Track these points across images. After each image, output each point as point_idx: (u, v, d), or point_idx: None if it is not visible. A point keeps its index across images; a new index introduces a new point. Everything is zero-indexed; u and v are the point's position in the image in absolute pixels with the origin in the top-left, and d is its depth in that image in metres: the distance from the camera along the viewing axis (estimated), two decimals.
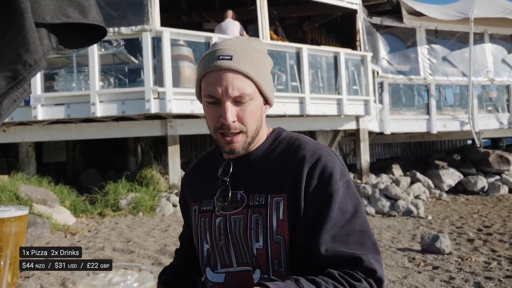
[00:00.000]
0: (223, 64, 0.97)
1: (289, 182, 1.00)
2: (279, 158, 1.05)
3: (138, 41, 6.57)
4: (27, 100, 6.30)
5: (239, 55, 0.99)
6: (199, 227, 1.11)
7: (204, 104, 1.04)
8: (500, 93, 11.06)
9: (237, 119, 1.00)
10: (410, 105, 10.20)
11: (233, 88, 0.97)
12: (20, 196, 5.66)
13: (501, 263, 3.90)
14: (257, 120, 1.04)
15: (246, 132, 1.01)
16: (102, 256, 4.17)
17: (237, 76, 0.98)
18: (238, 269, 1.04)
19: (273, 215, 0.99)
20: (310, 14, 10.54)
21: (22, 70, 0.59)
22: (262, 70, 1.02)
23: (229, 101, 0.98)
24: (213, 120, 1.02)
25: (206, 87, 1.00)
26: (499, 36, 11.09)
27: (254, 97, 1.01)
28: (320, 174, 0.99)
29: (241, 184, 1.05)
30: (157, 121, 7.05)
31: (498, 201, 7.90)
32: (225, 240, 1.05)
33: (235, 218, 1.03)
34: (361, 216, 0.98)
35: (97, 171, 8.38)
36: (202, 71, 1.01)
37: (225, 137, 1.01)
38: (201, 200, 1.13)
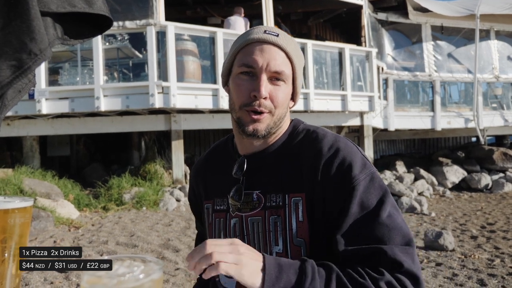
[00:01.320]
0: (269, 37, 0.94)
1: (307, 179, 0.93)
2: (295, 153, 0.98)
3: (142, 35, 6.56)
4: (31, 94, 6.31)
5: (285, 36, 0.96)
6: (213, 227, 1.05)
7: (235, 77, 0.97)
8: (505, 90, 10.98)
9: (269, 97, 0.94)
10: (415, 102, 10.14)
11: (276, 63, 0.93)
12: (24, 190, 5.69)
13: (504, 260, 3.89)
14: (285, 108, 0.98)
15: (273, 114, 0.95)
16: (105, 250, 4.19)
17: (281, 53, 0.94)
18: None
19: (292, 216, 0.92)
20: (315, 10, 10.48)
21: (27, 59, 0.59)
22: (300, 61, 0.99)
23: (265, 75, 0.93)
24: (242, 94, 0.94)
25: (244, 56, 0.95)
26: (505, 33, 10.99)
27: (288, 82, 0.97)
28: (338, 168, 0.91)
29: (257, 183, 0.98)
30: (161, 115, 7.05)
31: (502, 198, 7.87)
32: None
33: (252, 219, 0.97)
34: (387, 209, 0.88)
35: (101, 165, 8.41)
36: (243, 42, 0.96)
37: (251, 115, 0.94)
38: (214, 198, 1.07)
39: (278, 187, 0.95)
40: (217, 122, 7.52)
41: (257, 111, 0.93)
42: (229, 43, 7.28)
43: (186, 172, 7.40)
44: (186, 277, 3.43)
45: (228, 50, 1.03)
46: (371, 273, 0.81)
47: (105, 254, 4.07)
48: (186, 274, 3.49)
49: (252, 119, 0.94)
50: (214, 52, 6.85)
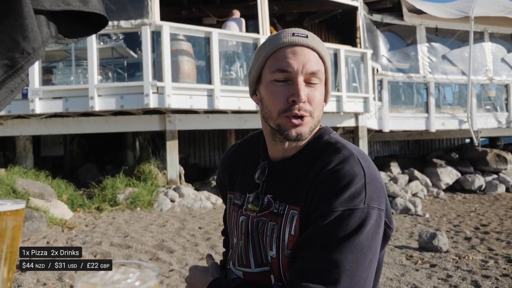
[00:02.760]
0: (300, 40, 0.92)
1: (303, 193, 0.91)
2: (306, 165, 0.95)
3: (137, 35, 6.53)
4: (25, 93, 6.26)
5: (314, 37, 0.95)
6: (231, 219, 1.08)
7: (269, 84, 0.94)
8: (499, 92, 11.06)
9: (308, 100, 0.92)
10: (409, 103, 10.18)
11: (311, 64, 0.91)
12: (17, 190, 5.64)
13: (498, 261, 3.91)
14: (322, 109, 0.97)
15: (314, 116, 0.94)
16: (99, 250, 4.16)
17: (313, 53, 0.93)
18: (257, 270, 0.99)
19: (286, 228, 0.92)
20: (311, 10, 10.50)
21: (20, 58, 0.57)
22: (329, 61, 0.98)
23: (302, 78, 0.91)
24: (279, 100, 0.92)
25: (277, 62, 0.92)
26: (499, 35, 11.08)
27: (323, 82, 0.96)
28: (328, 187, 0.86)
29: (272, 188, 0.99)
30: (156, 116, 7.02)
31: (495, 200, 7.92)
32: (245, 240, 1.01)
33: (257, 220, 0.99)
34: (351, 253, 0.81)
35: (95, 166, 8.36)
36: (273, 48, 0.93)
37: (292, 120, 0.92)
38: (235, 192, 1.09)
39: (284, 196, 0.95)
40: (212, 122, 7.50)
41: (298, 115, 0.92)
42: (224, 43, 7.28)
43: (181, 172, 7.37)
44: (180, 278, 3.41)
45: (223, 50, 1.03)
46: None
47: (98, 255, 4.04)
48: (181, 275, 3.47)
49: (294, 124, 0.92)
50: (209, 52, 6.83)
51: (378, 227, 0.87)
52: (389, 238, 0.95)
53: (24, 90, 6.24)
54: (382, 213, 0.88)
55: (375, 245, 0.86)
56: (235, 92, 7.01)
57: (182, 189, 6.72)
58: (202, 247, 4.36)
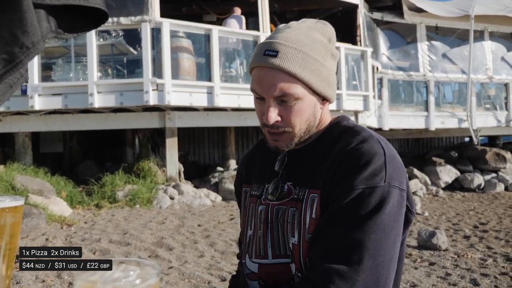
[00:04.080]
0: (267, 60, 0.90)
1: (324, 177, 0.91)
2: (325, 150, 0.97)
3: (137, 31, 6.51)
4: (24, 90, 6.25)
5: (286, 51, 0.89)
6: (248, 211, 1.08)
7: (254, 97, 0.99)
8: (498, 91, 11.05)
9: (282, 118, 0.93)
10: (409, 102, 10.18)
11: (276, 88, 0.90)
12: (16, 187, 5.63)
13: (496, 260, 3.91)
14: (307, 120, 0.95)
15: (292, 132, 0.95)
16: (98, 247, 4.15)
17: (280, 75, 0.89)
18: (274, 261, 0.99)
19: (307, 212, 0.92)
20: (311, 8, 10.46)
21: (19, 53, 0.56)
22: (315, 66, 0.91)
23: (271, 100, 0.91)
24: (259, 116, 0.97)
25: (252, 82, 0.95)
26: (499, 34, 11.06)
27: (302, 97, 0.92)
28: (348, 165, 0.87)
29: (292, 176, 1.00)
30: (155, 113, 7.01)
31: (494, 198, 7.93)
32: (264, 229, 1.00)
33: (277, 208, 0.99)
34: (373, 232, 0.81)
35: (94, 163, 8.35)
36: (250, 65, 0.96)
37: (269, 134, 0.96)
38: (253, 184, 1.09)
39: (304, 182, 0.97)
40: (212, 120, 7.49)
41: (272, 133, 0.96)
42: (224, 41, 7.26)
43: (180, 170, 7.36)
44: (180, 275, 3.41)
45: (224, 47, 1.04)
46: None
47: (97, 252, 4.04)
48: (180, 272, 3.47)
49: (272, 138, 0.97)
50: (210, 49, 6.81)
51: (400, 206, 0.86)
52: (411, 222, 0.95)
53: (23, 86, 6.22)
54: (404, 193, 0.87)
55: (398, 225, 0.85)
56: (235, 89, 7.00)
57: (181, 187, 6.72)
58: (201, 244, 4.36)
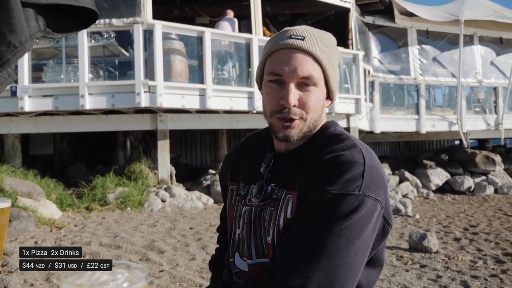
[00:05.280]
0: (294, 43, 0.93)
1: (301, 178, 0.95)
2: (310, 154, 0.98)
3: (129, 33, 6.48)
4: (14, 91, 6.17)
5: (312, 38, 0.95)
6: (235, 210, 1.08)
7: (265, 84, 0.98)
8: (487, 94, 11.19)
9: (299, 103, 0.94)
10: (400, 105, 10.26)
11: (303, 69, 0.92)
12: (4, 189, 5.55)
13: (487, 262, 3.95)
14: (318, 111, 0.98)
15: (305, 120, 0.96)
16: (88, 251, 4.11)
17: (307, 58, 0.94)
18: (258, 261, 1.00)
19: (282, 211, 0.95)
20: (303, 12, 10.51)
21: (6, 51, 0.56)
22: (331, 59, 0.98)
23: (294, 83, 0.93)
24: (272, 102, 0.96)
25: (272, 64, 0.95)
26: (488, 39, 11.21)
27: (319, 84, 0.96)
28: (326, 170, 0.89)
29: (276, 178, 1.02)
30: (147, 115, 6.97)
31: (484, 201, 8.00)
32: (247, 230, 1.02)
33: (260, 209, 1.01)
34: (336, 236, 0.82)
35: (84, 165, 8.27)
36: (270, 49, 0.96)
37: (282, 122, 0.95)
38: (240, 183, 1.10)
39: (284, 183, 0.99)
40: (204, 122, 7.47)
41: (287, 118, 0.95)
42: (217, 43, 7.26)
43: (172, 172, 7.33)
44: (171, 279, 3.38)
45: (216, 50, 1.05)
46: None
47: (87, 255, 4.00)
48: (171, 276, 3.45)
49: (283, 126, 0.96)
50: (202, 51, 6.80)
51: (371, 217, 0.86)
52: (387, 234, 0.96)
53: (13, 87, 6.15)
54: (379, 204, 0.88)
55: (365, 235, 0.85)
56: (227, 92, 6.99)
57: (173, 189, 6.68)
58: (193, 247, 4.34)
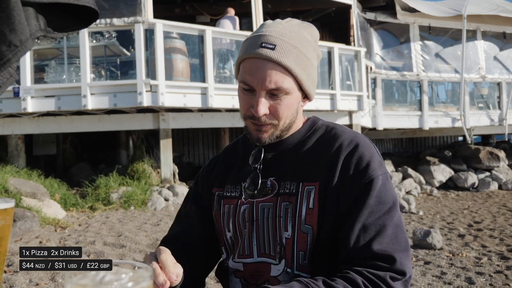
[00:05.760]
0: (264, 53, 0.91)
1: (324, 170, 0.96)
2: (314, 146, 1.02)
3: (130, 33, 6.48)
4: (17, 92, 6.19)
5: (283, 46, 0.92)
6: (221, 214, 1.06)
7: (239, 88, 0.99)
8: (491, 90, 11.13)
9: (269, 112, 0.95)
10: (403, 101, 10.22)
11: (270, 81, 0.92)
12: (9, 189, 5.58)
13: (491, 258, 3.93)
14: (291, 115, 0.99)
15: (277, 126, 0.98)
16: (92, 250, 4.12)
17: (276, 68, 0.92)
18: (258, 259, 1.00)
19: (303, 203, 0.95)
20: (304, 9, 10.49)
21: (7, 51, 0.55)
22: (306, 64, 0.96)
23: (263, 93, 0.93)
24: (244, 108, 0.98)
25: (243, 73, 0.95)
26: (491, 34, 11.14)
27: (292, 92, 0.95)
28: (358, 162, 0.95)
29: (273, 171, 1.02)
30: (149, 114, 6.98)
31: (488, 197, 7.97)
32: (249, 228, 1.01)
33: (263, 205, 0.99)
34: (398, 211, 0.94)
35: (88, 165, 8.30)
36: (242, 55, 0.96)
37: (254, 125, 0.98)
38: (225, 186, 1.08)
39: (293, 176, 0.99)
40: (206, 121, 7.47)
41: (258, 124, 0.97)
42: (218, 41, 7.25)
43: (175, 171, 7.34)
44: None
45: (217, 48, 1.05)
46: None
47: (92, 254, 4.01)
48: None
49: (256, 129, 0.98)
50: (203, 50, 6.79)
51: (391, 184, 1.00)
52: None
53: (16, 88, 6.17)
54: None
55: (396, 197, 0.98)
56: (229, 90, 6.99)
57: (176, 188, 6.69)
58: None
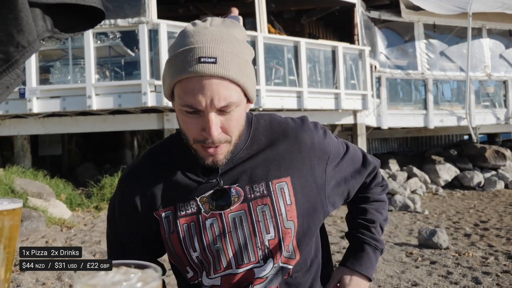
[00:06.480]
0: (206, 70, 0.81)
1: (290, 163, 0.95)
2: (265, 142, 0.97)
3: (134, 33, 6.50)
4: (22, 93, 6.23)
5: (224, 56, 0.83)
6: (180, 235, 0.94)
7: (180, 112, 0.87)
8: (497, 88, 11.06)
9: (222, 130, 0.86)
10: (408, 100, 10.18)
11: (220, 98, 0.82)
12: (15, 190, 5.61)
13: (498, 258, 3.91)
14: (242, 125, 0.91)
15: (230, 141, 0.89)
16: (98, 250, 4.14)
17: (223, 83, 0.82)
18: (238, 270, 0.95)
19: (279, 201, 0.94)
20: (308, 8, 10.48)
21: (15, 52, 0.55)
22: (247, 70, 0.87)
23: (214, 112, 0.83)
24: (192, 132, 0.87)
25: (184, 96, 0.84)
26: (497, 31, 11.07)
27: (240, 103, 0.87)
28: (319, 140, 1.01)
29: (231, 179, 0.95)
30: (154, 114, 6.99)
31: (494, 196, 7.93)
32: (222, 242, 0.94)
33: (233, 215, 0.93)
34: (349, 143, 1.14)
35: (93, 165, 8.34)
36: (177, 76, 0.83)
37: (207, 149, 0.88)
38: (175, 204, 0.95)
39: (257, 178, 0.95)
40: None
41: (213, 146, 0.87)
42: None
43: None
44: None
45: None
46: (381, 193, 1.17)
47: (98, 254, 4.03)
48: None
49: (209, 153, 0.88)
50: None
51: None
52: None
53: (21, 89, 6.21)
54: None
55: None
56: None
57: None
58: None
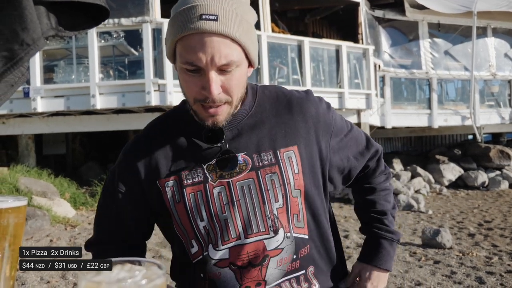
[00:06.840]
0: (207, 26, 0.81)
1: (296, 132, 0.97)
2: (271, 110, 0.98)
3: (138, 32, 6.51)
4: (27, 92, 6.26)
5: (226, 14, 0.83)
6: (186, 204, 0.94)
7: (181, 70, 0.88)
8: (502, 88, 11.00)
9: (222, 90, 0.86)
10: (412, 99, 10.14)
11: (220, 56, 0.82)
12: (20, 188, 5.64)
13: (502, 258, 3.89)
14: (243, 87, 0.92)
15: (231, 102, 0.89)
16: None
17: (224, 41, 0.82)
18: (247, 241, 0.94)
19: (288, 169, 0.95)
20: (312, 7, 10.45)
21: (19, 50, 0.55)
22: (249, 30, 0.87)
23: (214, 70, 0.84)
24: (193, 91, 0.88)
25: (185, 53, 0.84)
26: (502, 30, 11.00)
27: (241, 63, 0.87)
28: (323, 112, 1.03)
29: (239, 147, 0.94)
30: (158, 113, 7.00)
31: (499, 196, 7.89)
32: (230, 211, 0.93)
33: (241, 183, 0.93)
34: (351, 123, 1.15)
35: (97, 164, 8.37)
36: (178, 33, 0.84)
37: (207, 109, 0.88)
38: (180, 173, 0.95)
39: (265, 146, 0.96)
40: None
41: (213, 106, 0.88)
42: None
43: None
44: None
45: None
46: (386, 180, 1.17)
47: None
48: None
49: (210, 114, 0.89)
50: None
51: None
52: None
53: (26, 89, 6.24)
54: None
55: None
56: None
57: None
58: None
